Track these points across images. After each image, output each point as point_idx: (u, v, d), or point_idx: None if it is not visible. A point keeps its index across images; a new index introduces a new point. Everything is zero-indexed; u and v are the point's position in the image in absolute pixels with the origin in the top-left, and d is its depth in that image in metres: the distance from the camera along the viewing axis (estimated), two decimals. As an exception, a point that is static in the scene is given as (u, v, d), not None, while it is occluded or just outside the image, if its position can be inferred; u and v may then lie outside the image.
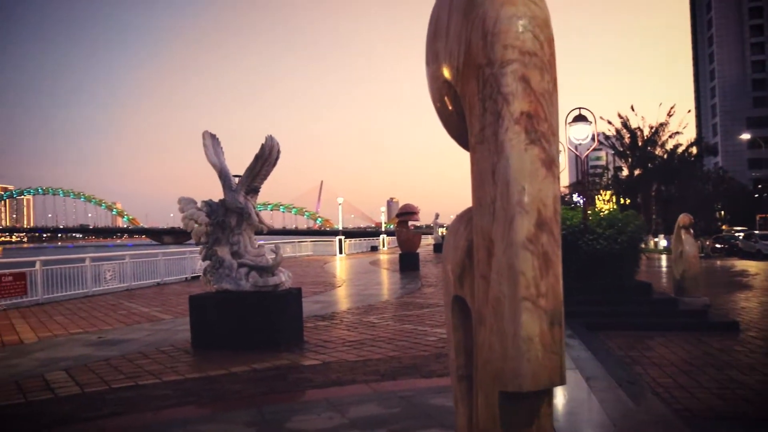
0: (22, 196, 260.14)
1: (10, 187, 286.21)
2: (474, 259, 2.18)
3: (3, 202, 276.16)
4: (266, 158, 8.47)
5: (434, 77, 2.43)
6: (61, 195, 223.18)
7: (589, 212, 12.50)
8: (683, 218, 13.44)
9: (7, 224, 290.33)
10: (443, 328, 9.59)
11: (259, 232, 9.13)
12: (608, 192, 60.06)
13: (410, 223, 25.63)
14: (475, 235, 2.18)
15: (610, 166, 70.91)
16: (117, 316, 12.62)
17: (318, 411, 5.34)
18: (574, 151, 17.81)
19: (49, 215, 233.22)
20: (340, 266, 29.02)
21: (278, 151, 8.58)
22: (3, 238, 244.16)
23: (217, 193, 9.06)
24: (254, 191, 8.81)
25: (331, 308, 12.78)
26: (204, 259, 8.67)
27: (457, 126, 2.43)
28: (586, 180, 25.76)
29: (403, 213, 24.98)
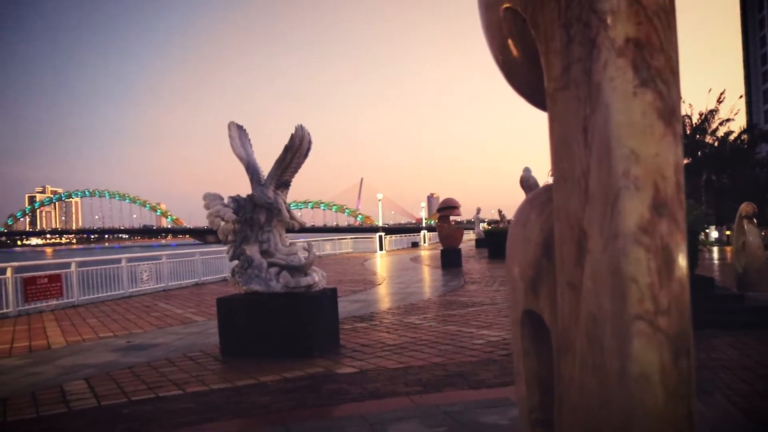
0: (71, 199, 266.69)
1: (59, 190, 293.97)
2: (556, 258, 1.51)
3: (53, 204, 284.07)
4: (296, 149, 7.86)
5: (490, 5, 1.74)
6: (107, 197, 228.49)
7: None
8: (745, 207, 12.46)
9: (57, 226, 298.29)
10: (491, 329, 8.87)
11: (290, 229, 8.55)
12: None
13: (451, 217, 24.86)
14: (557, 224, 1.50)
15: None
16: (150, 318, 12.23)
17: (352, 431, 4.71)
18: None
19: (96, 217, 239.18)
20: (381, 263, 28.42)
21: (309, 142, 7.97)
22: (53, 240, 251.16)
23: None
24: (285, 185, 8.22)
25: (371, 308, 12.16)
26: (231, 259, 8.12)
27: (524, 73, 1.74)
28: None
29: (444, 207, 24.21)
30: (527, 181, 11.81)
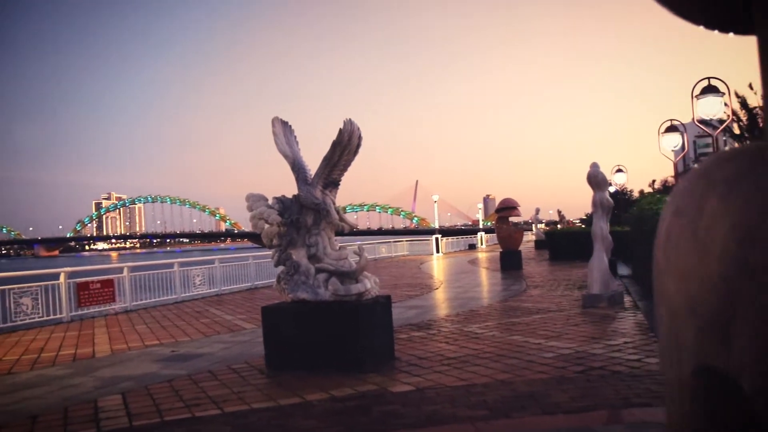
0: (134, 205, 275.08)
1: (123, 196, 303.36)
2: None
3: (117, 210, 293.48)
4: (345, 145, 7.21)
5: None
6: (168, 202, 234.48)
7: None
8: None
9: (122, 231, 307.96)
10: (561, 340, 8.04)
11: (340, 232, 7.93)
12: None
13: (510, 218, 23.91)
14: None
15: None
16: (198, 324, 11.82)
17: (408, 467, 4.02)
18: (703, 128, 15.28)
19: (158, 222, 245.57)
20: (437, 266, 27.65)
21: (359, 137, 7.31)
22: (118, 244, 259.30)
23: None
24: (333, 184, 7.60)
25: (428, 315, 11.44)
26: (277, 264, 7.54)
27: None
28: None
29: (502, 208, 23.28)
30: (595, 178, 10.88)
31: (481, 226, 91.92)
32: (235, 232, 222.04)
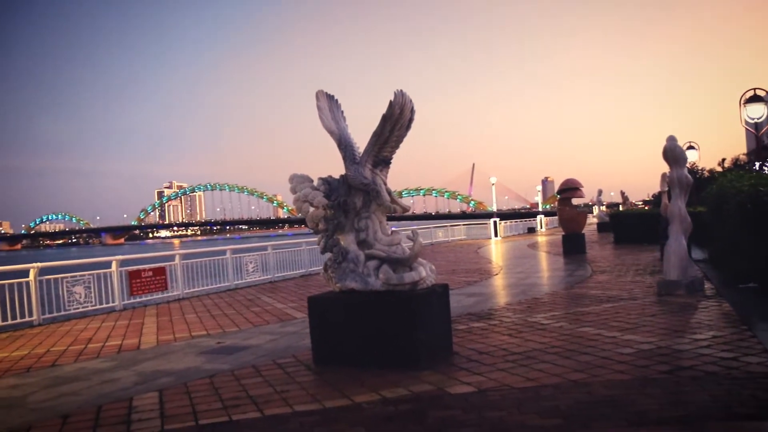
0: (194, 193, 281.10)
1: (184, 184, 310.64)
2: None
3: (179, 198, 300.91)
4: (396, 119, 6.50)
5: None
6: (227, 190, 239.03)
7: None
8: None
9: (183, 219, 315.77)
10: (638, 333, 7.21)
11: (391, 216, 7.27)
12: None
13: (573, 200, 22.79)
14: None
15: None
16: (248, 313, 11.41)
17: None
18: (751, 130, 15.23)
19: (218, 209, 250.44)
20: (496, 250, 26.76)
21: (412, 110, 6.59)
22: (180, 232, 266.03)
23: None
24: (384, 163, 6.91)
25: (488, 303, 10.72)
26: (323, 251, 6.95)
27: None
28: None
29: (565, 189, 22.16)
30: (673, 152, 9.89)
31: (540, 209, 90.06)
32: (292, 218, 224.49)
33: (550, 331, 7.73)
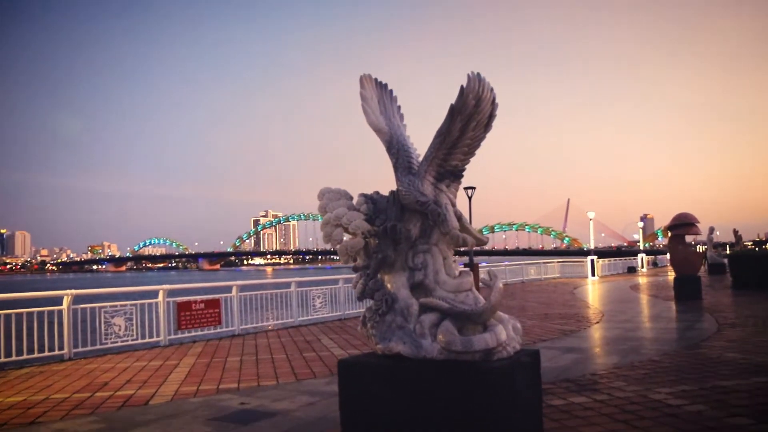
0: (289, 222, 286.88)
1: (279, 213, 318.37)
2: None
3: (273, 227, 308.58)
4: (470, 113, 4.47)
5: None
6: (320, 219, 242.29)
7: None
8: None
9: (277, 248, 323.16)
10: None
11: (458, 250, 5.25)
12: None
13: (688, 237, 19.84)
14: None
15: None
16: (298, 360, 9.60)
17: None
18: None
19: (310, 239, 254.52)
20: (594, 291, 23.98)
21: (493, 102, 4.54)
22: (273, 260, 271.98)
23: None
24: (452, 176, 4.88)
25: (590, 364, 8.42)
26: (362, 297, 5.00)
27: None
28: None
29: (677, 225, 19.25)
30: None
31: (640, 247, 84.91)
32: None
33: (687, 421, 5.42)
